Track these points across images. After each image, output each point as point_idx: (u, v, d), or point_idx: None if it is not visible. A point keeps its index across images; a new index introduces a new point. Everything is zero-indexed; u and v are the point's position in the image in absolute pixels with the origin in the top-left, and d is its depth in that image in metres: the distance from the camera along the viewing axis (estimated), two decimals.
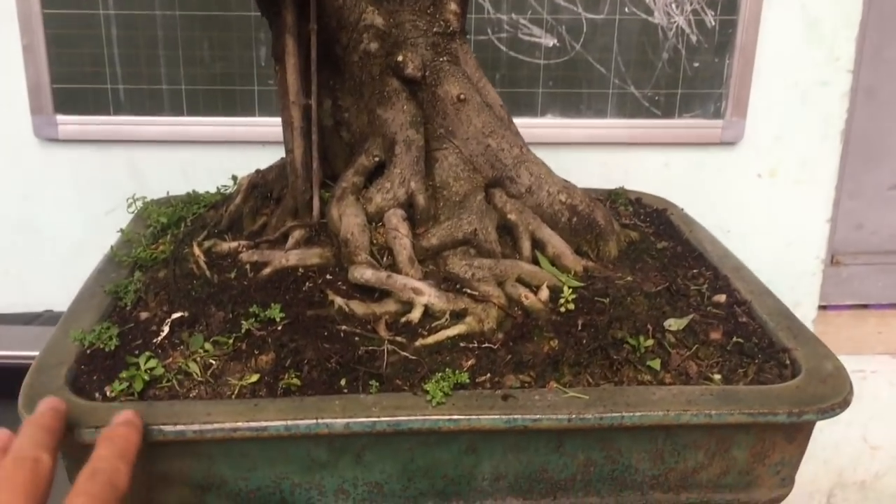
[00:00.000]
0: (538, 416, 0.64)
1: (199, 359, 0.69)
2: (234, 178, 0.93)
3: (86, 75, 1.35)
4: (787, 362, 0.73)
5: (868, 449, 1.76)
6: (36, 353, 0.88)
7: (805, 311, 1.63)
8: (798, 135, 1.51)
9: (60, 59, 1.34)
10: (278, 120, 0.86)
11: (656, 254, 0.89)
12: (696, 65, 1.44)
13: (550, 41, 1.42)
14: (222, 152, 1.41)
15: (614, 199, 1.07)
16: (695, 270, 0.87)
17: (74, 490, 0.51)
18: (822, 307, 1.75)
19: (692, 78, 1.45)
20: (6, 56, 1.34)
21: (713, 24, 1.42)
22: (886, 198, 1.73)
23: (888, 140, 1.68)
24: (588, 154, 1.50)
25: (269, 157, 1.07)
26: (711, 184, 1.54)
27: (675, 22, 1.42)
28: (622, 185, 1.18)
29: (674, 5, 1.41)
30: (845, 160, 1.66)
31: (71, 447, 0.62)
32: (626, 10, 1.41)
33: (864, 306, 1.80)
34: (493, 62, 1.42)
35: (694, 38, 1.43)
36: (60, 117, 1.37)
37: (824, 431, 1.74)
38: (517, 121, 1.36)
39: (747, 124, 1.49)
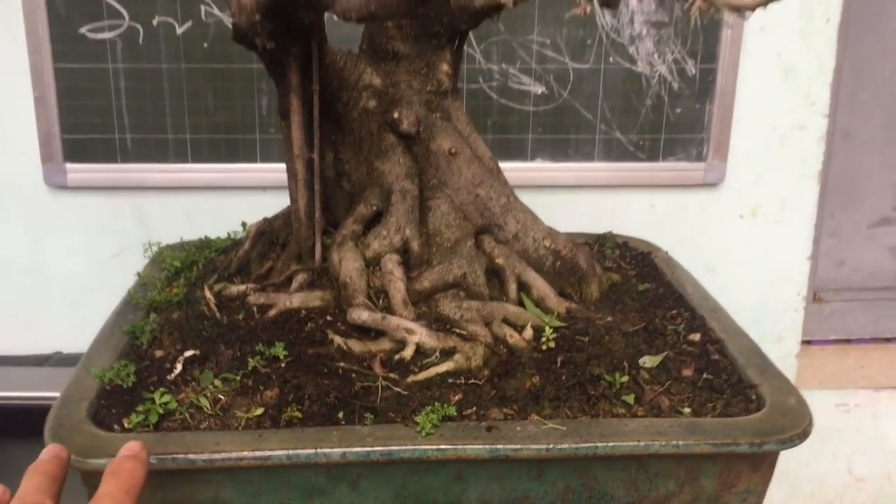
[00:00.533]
0: (519, 446, 0.71)
1: (209, 394, 0.76)
2: (244, 224, 1.01)
3: (94, 125, 1.43)
4: (754, 397, 0.80)
5: (853, 481, 1.82)
6: (48, 394, 0.95)
7: (788, 345, 1.70)
8: (777, 176, 1.59)
9: (70, 111, 1.42)
10: (279, 166, 0.93)
11: (637, 295, 0.96)
12: (679, 111, 1.52)
13: (539, 89, 1.50)
14: (225, 197, 1.48)
15: (602, 242, 1.14)
16: (674, 311, 0.94)
17: None
18: (806, 342, 1.81)
19: (675, 123, 1.53)
20: (19, 108, 1.42)
21: (694, 72, 1.50)
22: (866, 236, 1.81)
23: (865, 180, 1.76)
24: (577, 196, 1.57)
25: (269, 202, 1.14)
26: (695, 224, 1.61)
27: (657, 71, 1.50)
28: (610, 227, 1.25)
29: (656, 55, 1.49)
30: (825, 200, 1.74)
31: (93, 477, 0.68)
32: (611, 59, 1.49)
33: (848, 341, 1.87)
34: (485, 109, 1.50)
35: (676, 86, 1.51)
36: (70, 165, 1.45)
37: (810, 465, 1.80)
38: (508, 164, 1.44)
39: (728, 167, 1.57)
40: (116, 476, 0.56)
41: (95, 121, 1.42)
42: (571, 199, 1.57)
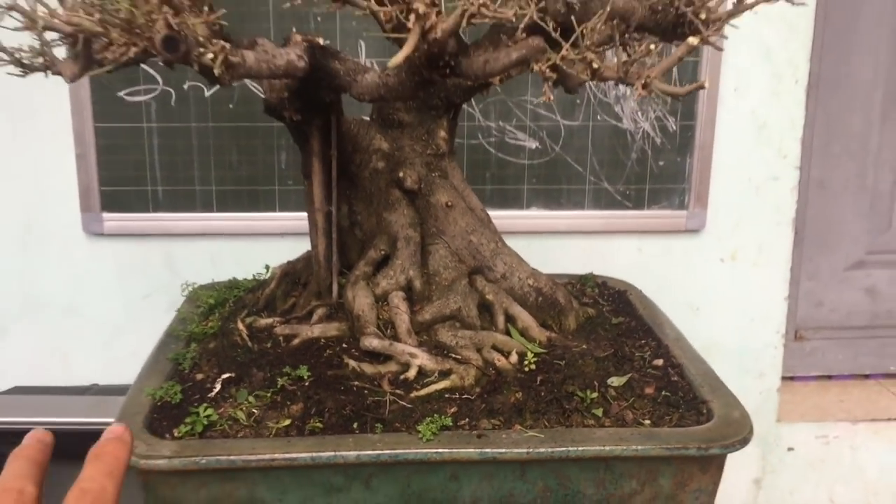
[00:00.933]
0: (504, 450, 0.87)
1: (244, 408, 0.92)
2: (267, 267, 1.18)
3: (129, 179, 1.61)
4: (705, 411, 0.96)
5: None
6: (93, 419, 1.12)
7: (770, 380, 1.85)
8: (754, 223, 1.76)
9: (108, 165, 1.60)
10: (296, 215, 1.09)
11: (610, 327, 1.13)
12: (661, 163, 1.70)
13: (533, 144, 1.68)
14: (246, 243, 1.66)
15: (584, 282, 1.31)
16: (642, 341, 1.11)
17: None
18: (789, 378, 1.97)
19: (658, 174, 1.71)
20: (62, 163, 1.60)
21: (674, 128, 1.68)
22: (842, 278, 1.97)
23: (839, 227, 1.93)
24: (570, 241, 1.74)
25: (286, 246, 1.31)
26: (680, 267, 1.78)
27: (641, 127, 1.68)
28: (601, 270, 1.42)
29: (639, 113, 1.67)
30: (802, 244, 1.90)
31: (150, 475, 0.85)
32: (599, 117, 1.67)
33: (829, 377, 2.03)
34: (484, 163, 1.68)
35: (658, 141, 1.69)
36: (106, 215, 1.63)
37: (794, 494, 1.94)
38: (506, 213, 1.62)
39: (708, 214, 1.74)
40: (99, 459, 0.55)
41: (130, 174, 1.61)
42: (565, 244, 1.74)
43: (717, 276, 1.80)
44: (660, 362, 1.04)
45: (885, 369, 2.03)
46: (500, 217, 1.56)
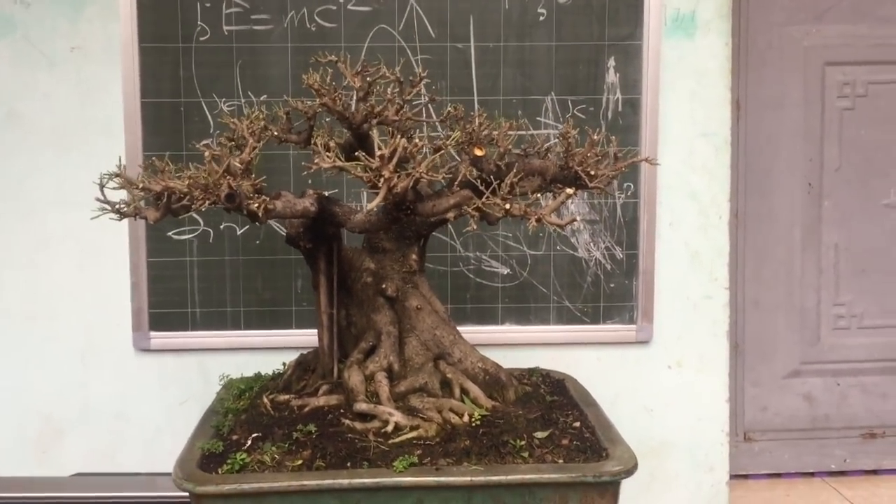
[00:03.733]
0: (454, 479, 1.28)
1: (268, 455, 1.34)
2: (284, 363, 1.62)
3: (173, 302, 2.07)
4: (605, 455, 1.37)
5: None
6: (145, 494, 1.54)
7: (718, 474, 2.23)
8: (694, 335, 2.19)
9: (156, 292, 2.07)
10: (309, 331, 1.52)
11: (543, 401, 1.55)
12: (612, 285, 2.15)
13: (505, 270, 2.14)
14: (268, 356, 2.07)
15: (531, 373, 1.73)
16: (567, 410, 1.53)
17: None
18: (742, 476, 2.35)
19: (610, 294, 2.15)
20: (118, 291, 2.07)
21: (621, 256, 2.14)
22: (781, 385, 2.38)
23: (775, 340, 2.36)
24: (539, 352, 2.16)
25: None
26: (633, 373, 2.20)
27: (593, 256, 2.14)
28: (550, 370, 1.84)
29: (592, 244, 2.13)
30: (745, 356, 2.32)
31: (200, 499, 1.26)
32: (558, 248, 2.13)
33: (778, 475, 2.40)
34: (465, 286, 2.13)
35: (609, 267, 2.14)
36: (153, 333, 2.08)
37: None
38: (484, 328, 2.05)
39: (655, 328, 2.17)
40: None
41: (174, 299, 2.07)
42: (534, 354, 2.15)
43: (666, 382, 2.20)
44: (577, 424, 1.46)
45: (827, 467, 2.40)
46: (479, 332, 2.02)
